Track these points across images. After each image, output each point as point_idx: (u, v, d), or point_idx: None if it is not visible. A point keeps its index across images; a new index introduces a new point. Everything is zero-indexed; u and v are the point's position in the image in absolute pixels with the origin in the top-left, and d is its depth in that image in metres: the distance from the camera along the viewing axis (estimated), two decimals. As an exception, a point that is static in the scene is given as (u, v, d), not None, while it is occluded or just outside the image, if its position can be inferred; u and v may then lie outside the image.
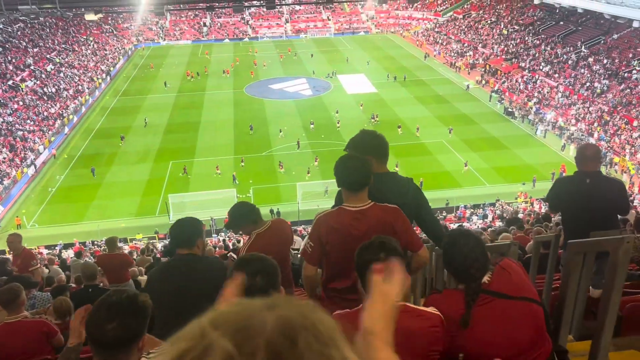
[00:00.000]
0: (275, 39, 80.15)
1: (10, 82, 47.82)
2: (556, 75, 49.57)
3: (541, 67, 51.99)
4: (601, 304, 3.32)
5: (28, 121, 43.08)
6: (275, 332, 0.72)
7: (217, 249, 15.35)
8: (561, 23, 57.90)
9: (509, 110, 46.06)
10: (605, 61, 47.19)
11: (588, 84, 45.63)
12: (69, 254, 22.59)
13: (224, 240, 22.49)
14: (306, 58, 67.37)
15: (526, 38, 59.46)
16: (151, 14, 72.14)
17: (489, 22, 68.02)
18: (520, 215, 22.94)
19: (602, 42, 50.66)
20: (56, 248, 26.56)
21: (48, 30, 64.17)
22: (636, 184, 32.03)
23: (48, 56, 57.46)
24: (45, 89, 49.95)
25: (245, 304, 0.77)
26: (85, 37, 68.42)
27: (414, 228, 3.44)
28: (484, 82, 55.01)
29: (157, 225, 29.20)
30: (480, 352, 2.38)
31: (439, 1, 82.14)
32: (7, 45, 54.05)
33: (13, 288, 4.82)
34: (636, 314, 4.04)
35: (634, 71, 43.77)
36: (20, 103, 45.41)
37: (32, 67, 52.84)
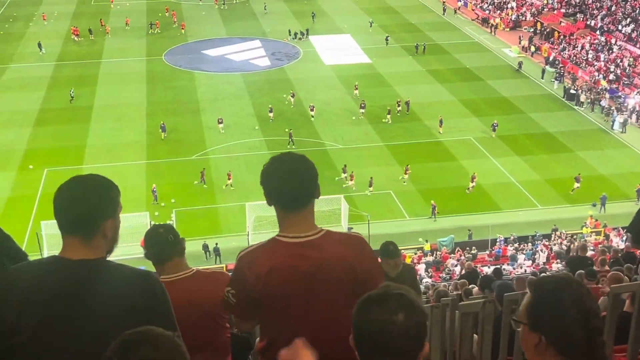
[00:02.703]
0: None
1: None
2: (642, 39, 50.72)
3: (620, 28, 53.10)
4: None
5: None
6: None
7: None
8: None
9: (572, 92, 46.84)
10: None
11: (689, 53, 46.81)
12: None
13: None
14: (260, 8, 67.50)
15: (597, -17, 60.79)
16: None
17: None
18: (591, 253, 23.24)
19: None
20: None
21: None
22: None
23: None
24: None
25: None
26: None
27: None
28: (533, 49, 55.90)
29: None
30: None
31: None
32: None
33: None
34: None
35: None
36: None
37: None
